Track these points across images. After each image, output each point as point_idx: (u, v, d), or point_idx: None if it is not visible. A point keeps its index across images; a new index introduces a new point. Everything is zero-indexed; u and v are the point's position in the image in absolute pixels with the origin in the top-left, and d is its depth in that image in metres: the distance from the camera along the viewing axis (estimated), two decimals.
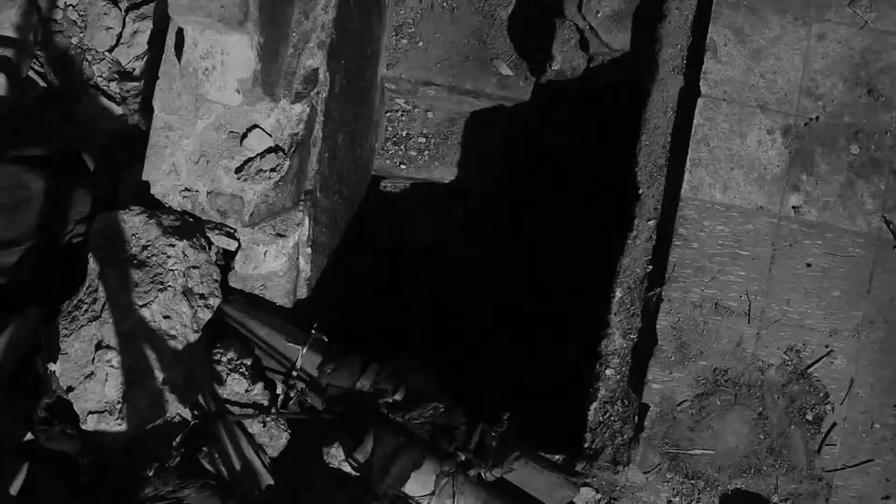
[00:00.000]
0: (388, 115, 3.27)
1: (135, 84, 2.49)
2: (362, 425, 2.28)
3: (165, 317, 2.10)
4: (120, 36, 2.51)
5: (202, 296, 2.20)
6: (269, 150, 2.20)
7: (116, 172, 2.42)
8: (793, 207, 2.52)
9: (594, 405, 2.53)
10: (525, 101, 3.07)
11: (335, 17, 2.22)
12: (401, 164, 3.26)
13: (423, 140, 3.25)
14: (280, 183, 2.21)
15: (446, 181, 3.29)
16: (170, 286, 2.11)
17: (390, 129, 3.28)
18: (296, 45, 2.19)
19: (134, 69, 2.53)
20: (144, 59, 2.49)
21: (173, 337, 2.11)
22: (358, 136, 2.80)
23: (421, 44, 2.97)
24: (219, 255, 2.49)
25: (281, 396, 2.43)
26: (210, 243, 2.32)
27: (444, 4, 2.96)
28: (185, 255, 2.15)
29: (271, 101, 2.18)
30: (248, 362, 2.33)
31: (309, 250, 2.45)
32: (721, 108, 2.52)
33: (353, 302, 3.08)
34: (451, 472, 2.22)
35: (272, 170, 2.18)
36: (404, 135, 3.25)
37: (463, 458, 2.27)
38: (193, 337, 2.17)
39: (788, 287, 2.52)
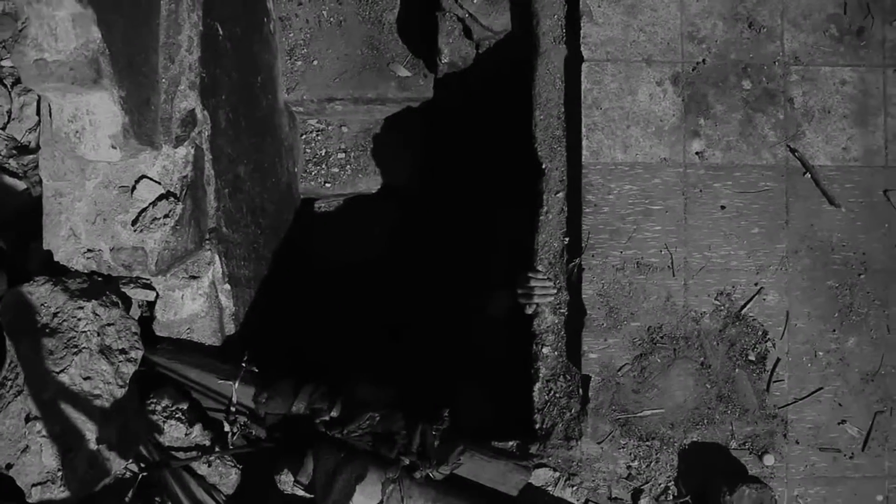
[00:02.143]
0: (304, 136, 3.29)
1: (32, 157, 2.53)
2: (304, 447, 2.29)
3: (86, 378, 2.13)
4: (10, 112, 2.55)
5: (122, 350, 2.22)
6: (161, 197, 2.22)
7: (27, 246, 2.46)
8: (696, 153, 2.51)
9: (538, 385, 2.53)
10: (430, 98, 3.07)
11: (201, 55, 2.24)
12: (325, 183, 3.27)
13: (343, 156, 3.27)
14: (177, 227, 2.23)
15: (373, 191, 3.31)
16: (85, 348, 2.14)
17: (308, 150, 3.29)
18: (167, 91, 2.21)
19: (30, 142, 2.57)
20: (37, 131, 2.53)
21: (98, 396, 2.14)
22: (267, 164, 2.82)
23: (316, 62, 2.99)
24: (143, 306, 2.52)
25: (229, 433, 2.45)
26: (124, 298, 2.35)
27: (332, 19, 2.98)
28: (96, 314, 2.18)
29: (153, 149, 2.20)
30: (184, 407, 2.35)
31: (227, 286, 2.47)
32: (606, 69, 2.52)
33: (296, 328, 3.11)
34: (396, 478, 2.23)
35: (166, 216, 2.21)
36: (323, 154, 3.27)
37: (407, 461, 2.27)
38: (120, 392, 2.19)
39: (707, 233, 2.51)
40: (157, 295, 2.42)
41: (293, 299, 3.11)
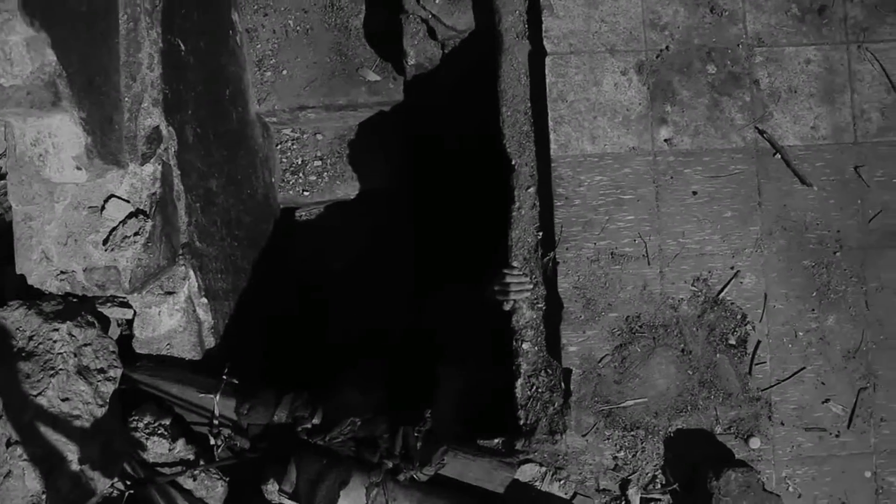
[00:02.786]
0: (279, 146, 3.30)
1: (2, 182, 2.55)
2: (288, 456, 2.30)
3: (64, 399, 2.13)
4: None
5: (100, 370, 2.23)
6: (131, 216, 2.23)
7: (2, 272, 2.48)
8: (665, 140, 2.51)
9: (520, 381, 2.52)
10: (401, 101, 3.08)
11: (162, 72, 2.25)
12: (304, 191, 3.28)
13: (320, 163, 3.27)
14: (148, 244, 2.24)
15: (352, 197, 3.32)
16: (62, 369, 2.14)
17: (284, 160, 3.30)
18: (130, 109, 2.22)
19: (1, 167, 2.59)
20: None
21: (77, 416, 2.15)
22: (241, 176, 2.82)
23: (286, 72, 2.99)
24: (122, 325, 2.53)
25: (214, 446, 2.46)
26: (101, 317, 2.35)
27: (298, 28, 2.99)
28: (72, 335, 2.19)
29: (119, 168, 2.21)
30: (167, 422, 2.36)
31: (205, 300, 2.48)
32: (570, 61, 2.52)
33: (278, 338, 3.11)
34: (380, 481, 2.23)
35: (136, 234, 2.21)
36: (300, 162, 3.28)
37: (390, 464, 2.28)
38: (100, 411, 2.20)
39: (680, 219, 2.51)
40: (135, 312, 2.43)
41: (276, 308, 3.12)
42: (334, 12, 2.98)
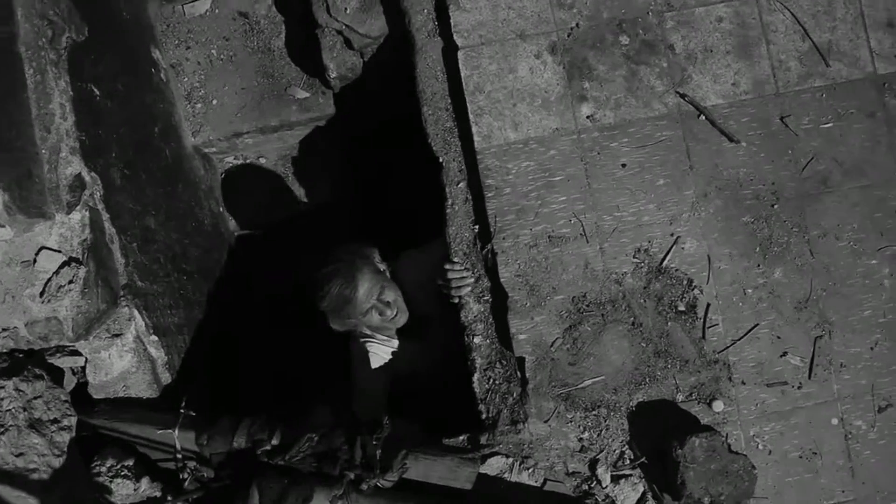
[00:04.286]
0: (224, 175, 3.31)
1: None
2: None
3: (18, 455, 2.15)
4: None
5: (54, 421, 2.25)
6: (64, 265, 2.25)
7: None
8: (587, 117, 2.51)
9: (476, 376, 2.52)
10: (334, 114, 3.09)
11: (76, 120, 2.27)
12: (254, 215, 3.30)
13: (265, 187, 3.29)
14: (85, 290, 2.26)
15: (301, 212, 3.33)
16: (11, 426, 2.16)
17: (231, 188, 3.32)
18: (49, 160, 2.23)
19: None
20: None
21: (34, 470, 2.16)
22: (182, 210, 2.84)
23: (216, 101, 3.01)
24: (78, 373, 2.55)
25: (184, 480, 2.47)
26: (52, 368, 2.37)
27: (222, 57, 3.00)
28: (19, 391, 2.21)
29: (45, 219, 2.23)
30: (130, 463, 2.37)
31: (155, 337, 2.49)
32: (483, 52, 2.52)
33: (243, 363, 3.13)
34: (342, 493, 2.23)
35: (70, 282, 2.23)
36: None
37: (352, 475, 2.28)
38: (58, 461, 2.21)
39: (612, 194, 2.50)
40: (86, 359, 2.44)
41: (238, 333, 3.13)
42: (255, 35, 2.99)
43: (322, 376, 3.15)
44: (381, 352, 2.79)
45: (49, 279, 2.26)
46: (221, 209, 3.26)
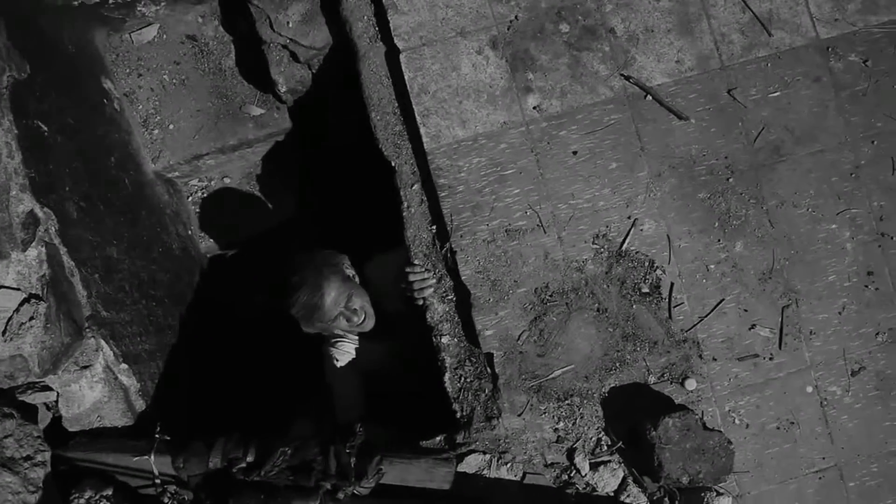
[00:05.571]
0: (191, 198, 3.33)
1: None
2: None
3: None
4: None
5: (27, 458, 2.26)
6: (24, 302, 2.26)
7: None
8: (534, 108, 2.51)
9: (447, 376, 2.52)
10: (290, 128, 3.10)
11: (23, 157, 2.28)
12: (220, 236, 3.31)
13: (233, 206, 3.30)
14: (48, 325, 2.27)
15: (269, 228, 3.34)
16: None
17: (199, 210, 3.33)
18: (0, 200, 2.26)
19: None
20: None
21: None
22: (147, 237, 2.85)
23: (172, 126, 3.02)
24: (52, 407, 2.56)
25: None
26: (23, 406, 2.39)
27: (175, 81, 3.01)
28: None
29: (1, 259, 2.24)
30: (108, 493, 2.37)
31: (125, 365, 2.50)
32: (424, 53, 2.52)
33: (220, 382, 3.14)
34: None
35: (31, 318, 2.24)
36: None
37: (328, 486, 2.28)
38: (33, 498, 2.22)
39: (566, 182, 2.50)
40: (58, 393, 2.45)
41: (212, 354, 3.14)
42: (205, 57, 3.00)
43: (301, 390, 3.15)
44: (352, 350, 2.81)
45: (10, 318, 2.27)
46: (190, 232, 3.27)
